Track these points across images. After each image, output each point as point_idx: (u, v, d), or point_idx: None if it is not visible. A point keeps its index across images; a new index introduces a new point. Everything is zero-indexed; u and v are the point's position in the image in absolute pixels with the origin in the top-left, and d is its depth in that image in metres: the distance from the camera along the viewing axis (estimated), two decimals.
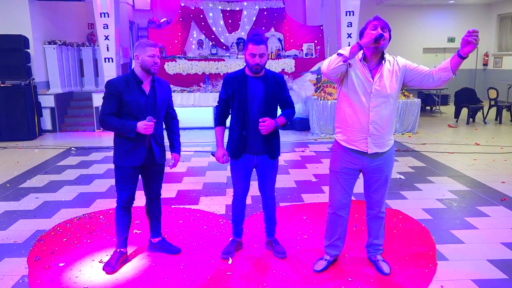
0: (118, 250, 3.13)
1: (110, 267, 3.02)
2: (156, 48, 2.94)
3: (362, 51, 2.63)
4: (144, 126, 2.88)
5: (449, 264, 3.13)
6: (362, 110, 2.73)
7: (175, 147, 3.26)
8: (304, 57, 9.89)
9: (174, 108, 3.30)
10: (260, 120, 2.95)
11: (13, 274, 3.04)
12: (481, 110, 9.75)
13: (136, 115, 2.93)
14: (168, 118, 3.23)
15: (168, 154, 3.26)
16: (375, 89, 2.69)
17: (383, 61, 2.71)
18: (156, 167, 3.16)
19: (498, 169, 5.77)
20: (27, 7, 8.74)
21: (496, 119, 9.80)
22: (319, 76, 8.97)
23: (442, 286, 2.83)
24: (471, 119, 9.67)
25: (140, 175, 3.14)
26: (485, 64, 13.74)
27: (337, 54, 2.58)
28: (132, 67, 3.02)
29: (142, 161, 3.01)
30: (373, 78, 2.69)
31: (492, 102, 9.90)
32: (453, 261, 3.17)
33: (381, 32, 2.57)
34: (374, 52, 2.66)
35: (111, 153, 6.97)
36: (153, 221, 3.31)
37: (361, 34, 2.72)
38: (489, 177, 5.35)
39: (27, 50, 8.49)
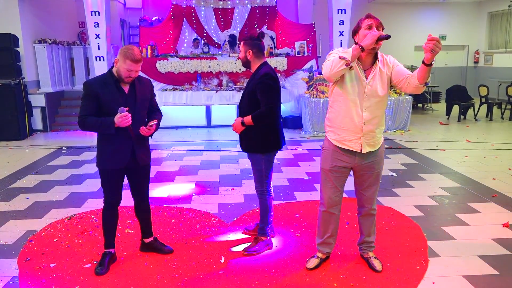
0: (107, 251, 3.11)
1: (101, 269, 3.00)
2: (137, 64, 2.81)
3: None
4: (120, 118, 2.78)
5: (440, 261, 3.15)
6: (356, 110, 2.71)
7: (153, 117, 3.06)
8: (296, 55, 9.88)
9: (167, 107, 3.26)
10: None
11: (3, 276, 3.01)
12: (472, 107, 9.83)
13: (116, 115, 2.84)
14: (153, 112, 3.12)
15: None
16: (368, 90, 2.68)
17: (377, 61, 2.70)
18: (141, 169, 3.10)
19: (489, 165, 5.82)
20: (16, 5, 8.62)
21: (487, 116, 9.88)
22: (311, 74, 8.97)
23: (433, 283, 2.85)
24: (462, 116, 9.74)
25: (126, 177, 3.11)
26: (476, 62, 13.84)
27: (339, 58, 2.52)
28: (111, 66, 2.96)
29: (125, 163, 2.96)
30: (366, 78, 2.68)
31: (483, 100, 9.97)
32: (444, 257, 3.19)
33: (385, 34, 2.52)
34: (370, 52, 2.64)
35: None
36: (143, 223, 3.29)
37: (354, 33, 2.70)
38: (480, 174, 5.39)
39: (17, 49, 8.40)
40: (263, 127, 3.14)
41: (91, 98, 2.84)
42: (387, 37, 2.52)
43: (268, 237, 3.35)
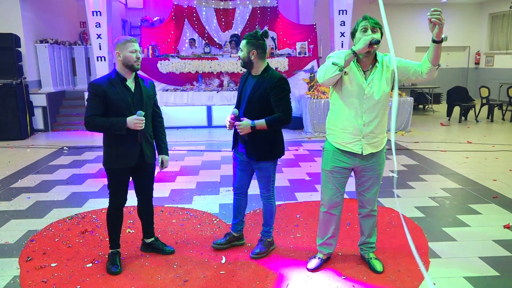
0: (115, 250, 3.11)
1: (116, 268, 2.99)
2: (135, 42, 2.87)
3: None
4: (135, 121, 2.82)
5: (441, 262, 3.15)
6: (356, 112, 2.71)
7: (163, 148, 3.22)
8: (297, 56, 9.89)
9: (168, 107, 3.27)
10: (239, 119, 3.05)
11: (4, 275, 3.01)
12: (473, 109, 9.83)
13: (124, 114, 2.85)
14: (154, 117, 3.15)
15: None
16: (368, 92, 2.68)
17: (376, 62, 2.70)
18: (147, 167, 3.10)
19: (490, 167, 5.82)
20: (18, 5, 8.64)
21: (488, 118, 9.88)
22: (312, 74, 8.98)
23: (434, 284, 2.85)
24: (463, 118, 9.74)
25: (131, 177, 3.11)
26: (477, 63, 13.85)
27: (332, 64, 2.53)
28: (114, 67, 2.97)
29: (134, 162, 2.97)
30: (366, 80, 2.69)
31: (484, 101, 9.98)
32: (445, 259, 3.19)
33: (376, 38, 2.52)
34: (367, 54, 2.64)
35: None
36: (146, 222, 3.29)
37: (352, 35, 2.71)
38: (480, 175, 5.39)
39: (18, 48, 8.42)
40: (271, 135, 3.06)
41: (99, 98, 2.83)
42: (378, 41, 2.52)
43: (272, 238, 3.35)
